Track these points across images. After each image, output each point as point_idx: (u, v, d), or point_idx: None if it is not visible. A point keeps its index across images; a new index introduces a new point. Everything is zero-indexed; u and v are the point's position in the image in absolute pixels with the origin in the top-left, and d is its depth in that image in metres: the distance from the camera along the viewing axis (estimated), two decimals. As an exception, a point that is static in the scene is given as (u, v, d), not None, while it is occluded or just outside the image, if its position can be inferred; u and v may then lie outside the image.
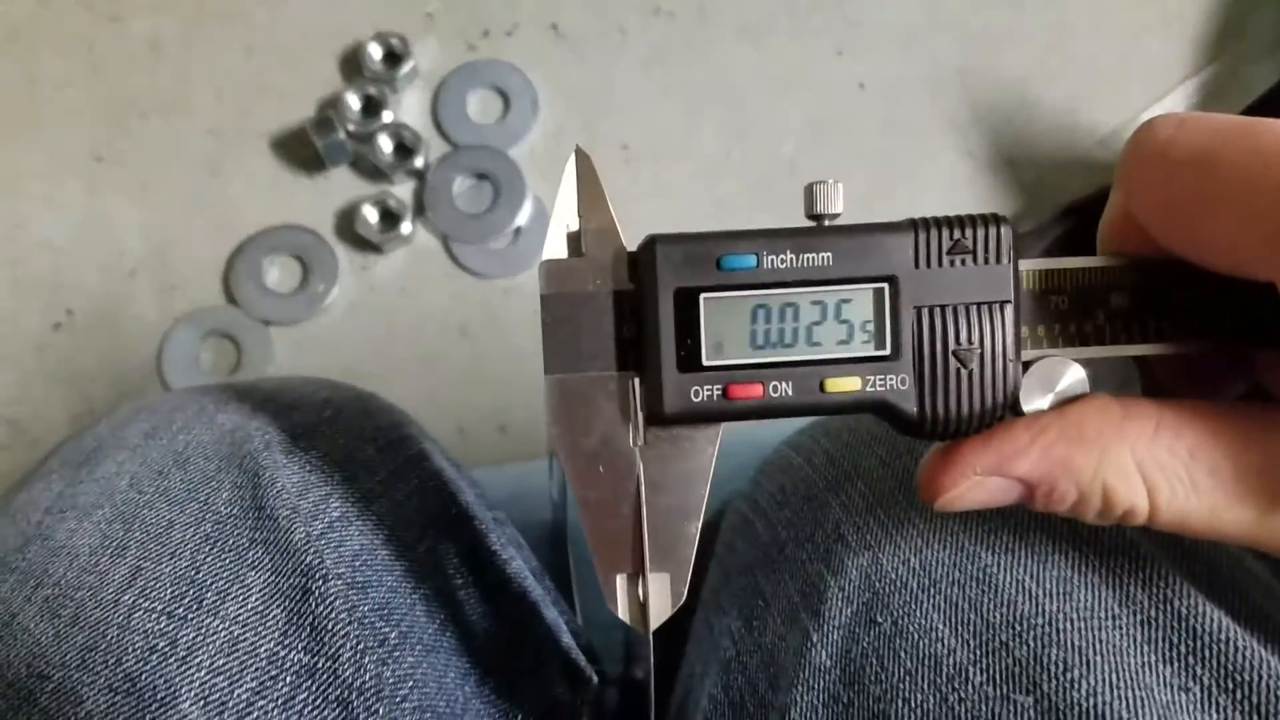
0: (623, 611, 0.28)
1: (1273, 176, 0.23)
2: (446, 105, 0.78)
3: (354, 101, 0.75)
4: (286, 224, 0.75)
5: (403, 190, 0.76)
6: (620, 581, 0.28)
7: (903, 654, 0.30)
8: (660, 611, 0.28)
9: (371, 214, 0.73)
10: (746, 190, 0.76)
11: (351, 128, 0.75)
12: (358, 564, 0.34)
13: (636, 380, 0.27)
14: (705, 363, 0.26)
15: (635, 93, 0.78)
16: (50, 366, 0.73)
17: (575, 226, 0.27)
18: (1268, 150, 0.23)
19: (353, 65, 0.78)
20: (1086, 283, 0.27)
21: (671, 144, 0.77)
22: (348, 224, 0.75)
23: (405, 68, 0.76)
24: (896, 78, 0.77)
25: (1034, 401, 0.27)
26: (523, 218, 0.75)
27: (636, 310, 0.27)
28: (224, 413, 0.37)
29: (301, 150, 0.77)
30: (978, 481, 0.26)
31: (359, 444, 0.38)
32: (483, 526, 0.39)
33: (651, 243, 0.26)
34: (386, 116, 0.75)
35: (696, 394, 0.26)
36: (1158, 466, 0.25)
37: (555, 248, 0.27)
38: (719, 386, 0.26)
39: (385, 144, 0.74)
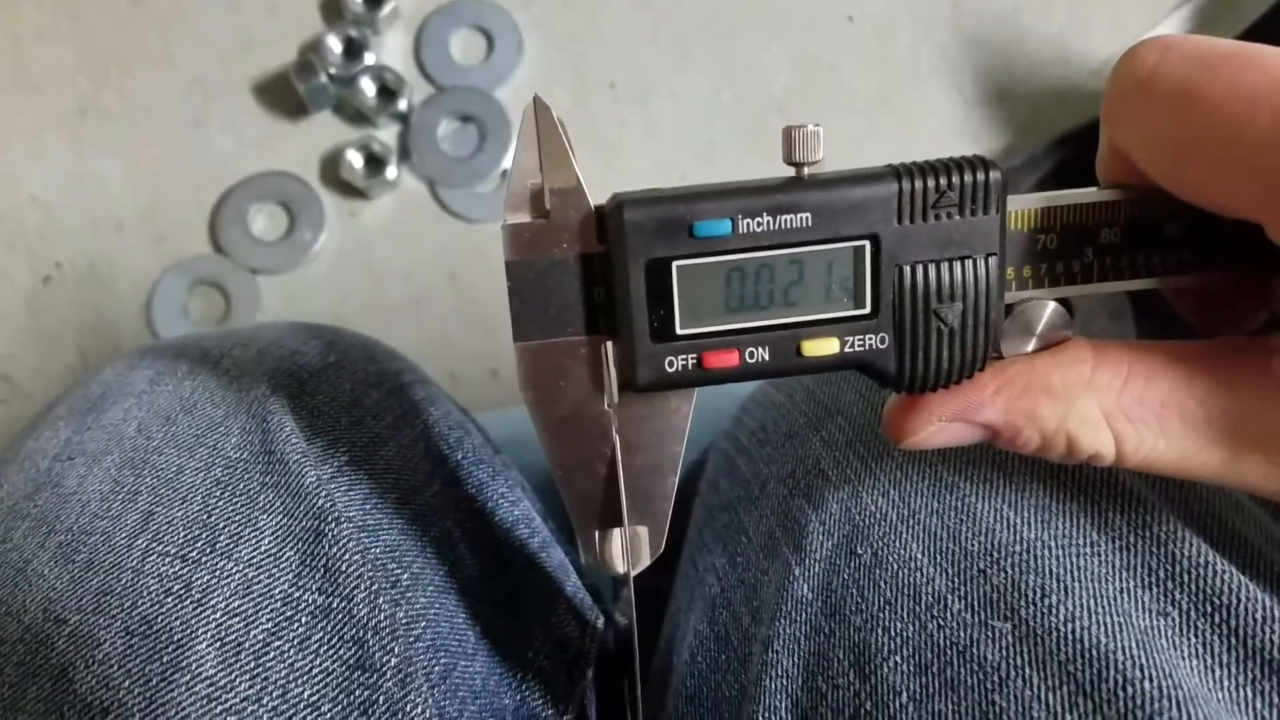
0: (601, 565, 0.28)
1: (1261, 118, 0.22)
2: (429, 46, 0.77)
3: (335, 44, 0.74)
4: (271, 171, 0.75)
5: (387, 134, 0.76)
6: (599, 537, 0.28)
7: (882, 584, 0.30)
8: (640, 564, 0.28)
9: (356, 159, 0.73)
10: (737, 129, 0.76)
11: (333, 71, 0.73)
12: (368, 507, 0.34)
13: (609, 344, 0.26)
14: (679, 331, 0.25)
15: (622, 30, 0.77)
16: (41, 320, 0.73)
17: (537, 183, 0.25)
18: (1256, 88, 0.22)
19: (333, 7, 0.77)
20: (1076, 220, 0.26)
21: (660, 83, 0.76)
22: (333, 170, 0.74)
23: (386, 8, 0.75)
24: (886, 10, 0.76)
25: (1015, 347, 0.26)
26: (509, 161, 0.75)
27: (605, 273, 0.25)
28: (228, 358, 0.37)
29: (284, 96, 0.76)
30: (941, 426, 0.26)
31: (365, 389, 0.38)
32: (490, 470, 0.39)
33: (619, 207, 0.25)
34: (368, 59, 0.74)
35: (671, 364, 0.25)
36: (1125, 416, 0.25)
37: (517, 208, 0.25)
38: (694, 355, 0.25)
39: (368, 87, 0.73)
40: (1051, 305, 0.26)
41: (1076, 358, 0.26)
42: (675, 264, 0.25)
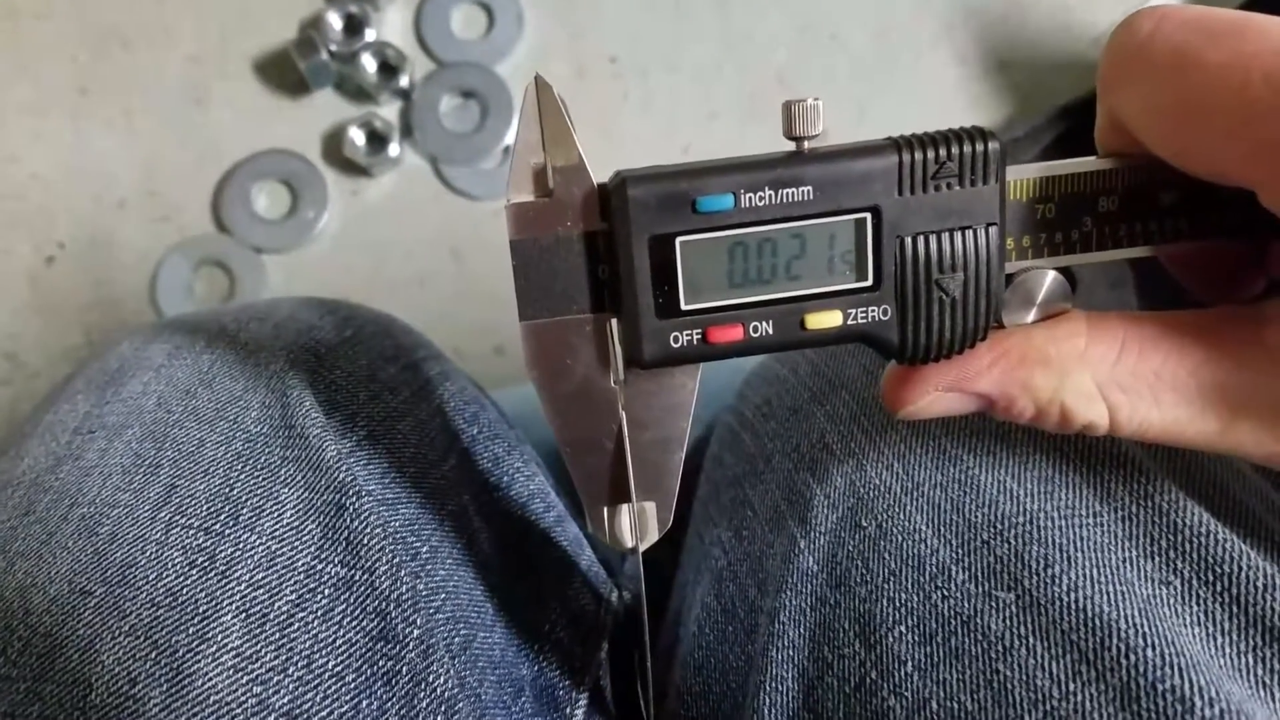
0: (610, 540, 0.28)
1: (1254, 87, 0.22)
2: (430, 21, 0.76)
3: (335, 20, 0.74)
4: (273, 149, 0.75)
5: (389, 111, 0.76)
6: (607, 513, 0.28)
7: (887, 555, 0.30)
8: (648, 539, 0.28)
9: (358, 136, 0.73)
10: (738, 101, 0.75)
11: (334, 48, 0.73)
12: (387, 481, 0.34)
13: (614, 321, 0.26)
14: (683, 307, 0.25)
15: (622, 3, 0.77)
16: (45, 300, 0.73)
17: (540, 161, 0.25)
18: (1249, 55, 0.22)
19: (333, -17, 0.77)
20: (1074, 189, 0.26)
21: (661, 56, 0.76)
22: (335, 148, 0.74)
23: (387, -16, 0.75)
24: (888, -19, 0.76)
25: (1017, 317, 0.26)
26: (512, 136, 0.75)
27: (610, 250, 0.25)
28: (245, 332, 0.37)
29: (285, 73, 0.76)
30: (938, 396, 0.26)
31: (381, 363, 0.38)
32: (505, 445, 0.39)
33: (622, 184, 0.25)
34: (369, 35, 0.74)
35: (676, 339, 0.26)
36: (1119, 387, 0.25)
37: (521, 187, 0.25)
38: (698, 331, 0.26)
39: (369, 64, 0.73)
40: (1051, 275, 0.26)
41: (1072, 330, 0.26)
42: (678, 240, 0.25)
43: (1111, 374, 0.25)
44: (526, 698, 0.35)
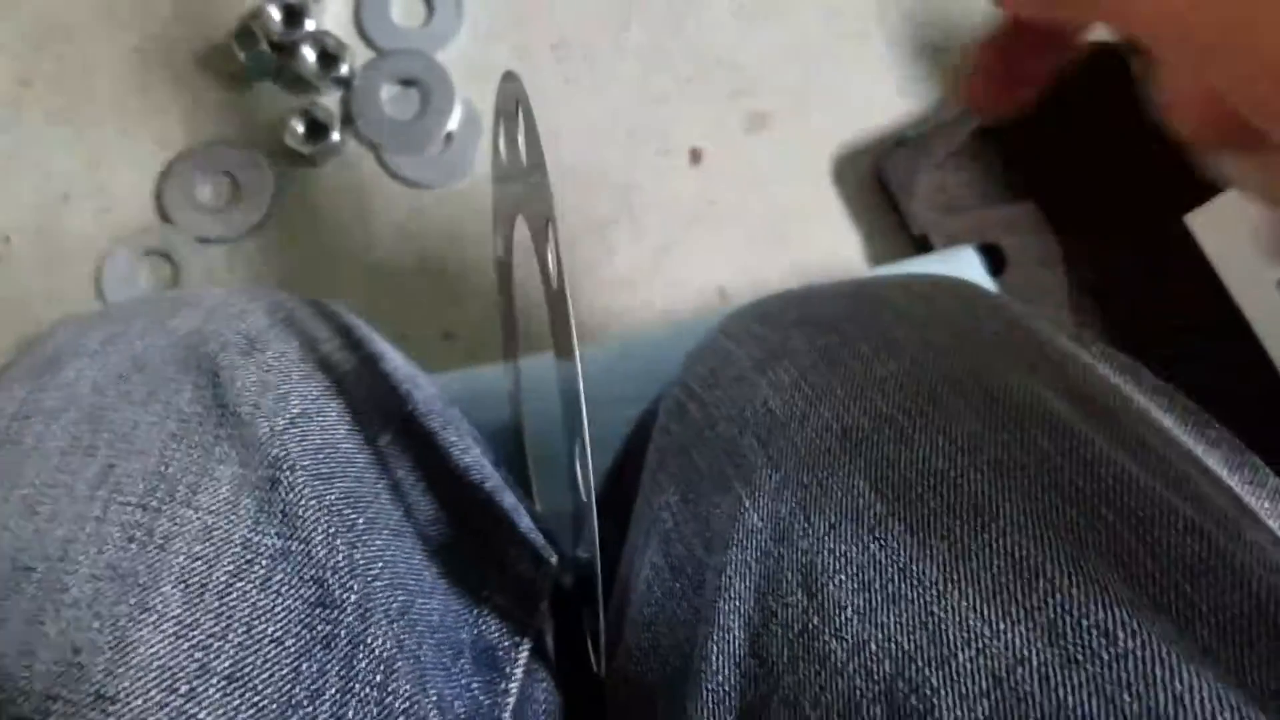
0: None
1: None
2: (369, 10, 0.76)
3: (275, 11, 0.74)
4: (215, 140, 0.74)
5: (330, 100, 0.76)
6: None
7: (827, 510, 0.31)
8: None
9: (298, 126, 0.73)
10: (682, 84, 0.76)
11: (274, 38, 0.73)
12: (321, 457, 0.35)
13: None
14: None
15: (562, -12, 0.77)
16: (-7, 294, 0.73)
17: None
18: None
19: (271, -26, 0.76)
20: None
21: (604, 40, 0.77)
22: (276, 138, 0.74)
23: (325, -27, 0.75)
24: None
25: None
26: (453, 123, 0.75)
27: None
28: (178, 318, 0.38)
29: (226, 64, 0.75)
30: None
31: (315, 344, 0.39)
32: (440, 420, 0.40)
33: None
34: (309, 25, 0.74)
35: None
36: None
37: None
38: None
39: (308, 53, 0.73)
40: None
41: None
42: None
43: None
44: (466, 659, 0.36)
